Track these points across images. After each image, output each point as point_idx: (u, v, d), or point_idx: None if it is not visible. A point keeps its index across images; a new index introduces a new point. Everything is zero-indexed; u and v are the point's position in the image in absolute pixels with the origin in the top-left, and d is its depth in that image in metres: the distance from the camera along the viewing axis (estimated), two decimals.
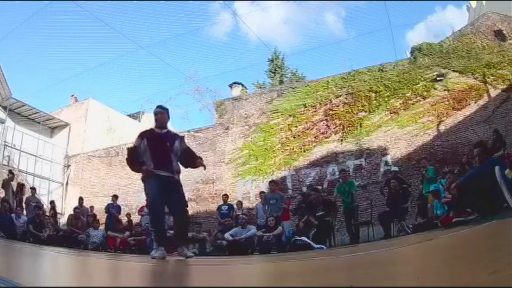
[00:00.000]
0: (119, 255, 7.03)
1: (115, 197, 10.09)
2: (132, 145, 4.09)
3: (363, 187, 9.82)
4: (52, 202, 10.73)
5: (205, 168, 4.33)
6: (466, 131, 9.51)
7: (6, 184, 9.29)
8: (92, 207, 10.32)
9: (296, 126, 11.31)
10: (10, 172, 10.06)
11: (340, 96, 11.14)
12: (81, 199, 10.25)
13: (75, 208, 9.55)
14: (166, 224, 4.13)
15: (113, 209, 9.66)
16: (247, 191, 11.22)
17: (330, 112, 11.07)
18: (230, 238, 7.42)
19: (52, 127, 16.03)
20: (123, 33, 20.59)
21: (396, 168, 8.63)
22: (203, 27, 21.15)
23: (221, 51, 26.56)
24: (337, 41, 29.04)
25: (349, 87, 11.12)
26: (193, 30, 23.28)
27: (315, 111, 11.26)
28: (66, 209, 13.04)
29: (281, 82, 17.37)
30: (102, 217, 9.81)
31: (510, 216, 3.52)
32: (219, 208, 9.37)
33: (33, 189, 10.45)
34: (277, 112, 11.69)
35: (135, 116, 18.66)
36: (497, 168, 4.61)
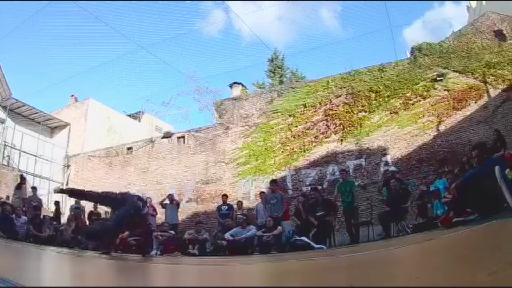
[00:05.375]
0: (118, 255, 7.02)
1: None
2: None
3: (363, 187, 9.80)
4: (57, 203, 10.78)
5: None
6: (466, 131, 9.50)
7: (18, 188, 9.51)
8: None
9: (296, 126, 11.30)
10: (21, 176, 10.24)
11: (340, 96, 11.13)
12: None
13: (75, 208, 9.53)
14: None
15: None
16: (247, 191, 11.22)
17: (330, 112, 11.06)
18: (230, 238, 7.42)
19: (52, 127, 16.02)
20: (123, 33, 20.54)
21: (394, 168, 8.63)
22: (203, 27, 21.12)
23: (221, 51, 26.53)
24: (337, 41, 28.95)
25: (349, 87, 11.10)
26: (193, 30, 23.30)
27: (315, 111, 11.26)
28: (66, 209, 13.03)
29: (281, 82, 17.34)
30: None
31: (510, 216, 3.52)
32: (218, 208, 9.37)
33: (34, 188, 10.46)
34: (277, 112, 11.68)
35: (135, 116, 18.62)
36: (497, 168, 4.58)
